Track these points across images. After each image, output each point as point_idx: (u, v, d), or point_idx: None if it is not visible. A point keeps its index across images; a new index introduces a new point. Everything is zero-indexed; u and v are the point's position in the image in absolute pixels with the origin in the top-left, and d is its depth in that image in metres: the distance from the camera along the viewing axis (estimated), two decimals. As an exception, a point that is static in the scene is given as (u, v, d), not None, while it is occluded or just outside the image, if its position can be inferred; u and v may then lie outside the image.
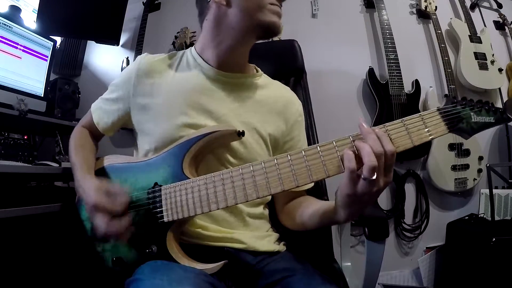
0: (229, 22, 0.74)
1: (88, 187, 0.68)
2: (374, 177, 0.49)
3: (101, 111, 0.85)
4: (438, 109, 0.54)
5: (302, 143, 0.87)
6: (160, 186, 0.67)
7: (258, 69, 0.88)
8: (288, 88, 0.91)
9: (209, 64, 0.78)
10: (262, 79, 0.86)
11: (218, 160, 0.74)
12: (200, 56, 0.80)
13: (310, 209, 0.71)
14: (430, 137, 0.53)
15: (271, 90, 0.85)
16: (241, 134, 0.69)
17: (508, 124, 1.86)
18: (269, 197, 0.85)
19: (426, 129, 0.53)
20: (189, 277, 0.55)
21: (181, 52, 0.84)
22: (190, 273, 0.56)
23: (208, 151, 0.71)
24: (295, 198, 0.82)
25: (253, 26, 0.73)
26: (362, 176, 0.49)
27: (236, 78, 0.80)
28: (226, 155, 0.74)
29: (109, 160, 0.79)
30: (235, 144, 0.74)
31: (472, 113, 0.54)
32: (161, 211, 0.65)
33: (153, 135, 0.75)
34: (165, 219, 0.64)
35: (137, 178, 0.71)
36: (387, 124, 0.54)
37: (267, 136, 0.79)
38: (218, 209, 0.61)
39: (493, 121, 0.55)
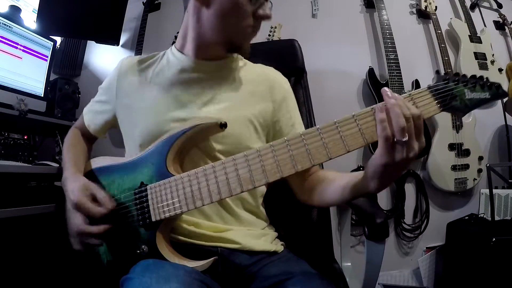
0: (203, 23, 0.72)
1: (73, 185, 0.69)
2: (406, 138, 0.47)
3: (91, 114, 0.88)
4: (429, 87, 0.52)
5: (294, 120, 0.83)
6: (146, 185, 0.66)
7: (240, 56, 0.86)
8: (272, 68, 0.88)
9: (187, 56, 0.77)
10: (243, 62, 0.85)
11: (204, 152, 0.72)
12: (179, 51, 0.79)
13: (336, 185, 0.67)
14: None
15: (253, 72, 0.84)
16: (223, 125, 0.67)
17: (508, 124, 1.86)
18: (264, 190, 0.83)
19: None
20: (178, 274, 0.54)
21: (162, 52, 0.85)
22: (180, 271, 0.56)
23: (191, 145, 0.70)
24: (311, 174, 0.77)
25: (222, 40, 0.72)
26: (395, 139, 0.48)
27: (216, 65, 0.79)
28: (212, 145, 0.72)
29: (96, 163, 0.79)
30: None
31: (466, 90, 0.51)
32: (149, 211, 0.65)
33: (137, 134, 0.75)
34: (153, 219, 0.64)
35: (123, 178, 0.70)
36: (374, 106, 0.52)
37: (254, 119, 0.77)
38: (203, 205, 0.61)
39: (489, 96, 0.52)
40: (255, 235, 0.76)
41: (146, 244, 0.64)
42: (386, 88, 0.51)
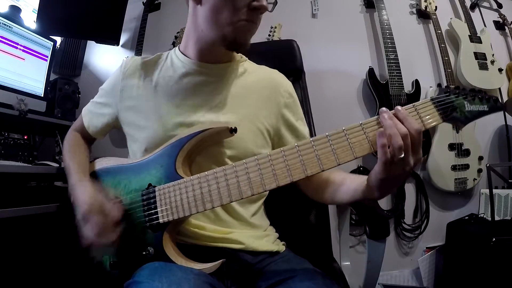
0: (200, 21, 0.72)
1: (82, 192, 0.68)
2: (402, 155, 0.50)
3: (91, 115, 0.86)
4: (432, 99, 0.55)
5: (299, 123, 0.84)
6: (154, 187, 0.66)
7: (243, 56, 0.86)
8: (276, 70, 0.88)
9: (191, 59, 0.77)
10: (247, 64, 0.84)
11: (212, 155, 0.72)
12: (183, 53, 0.79)
13: (347, 187, 0.68)
14: (425, 127, 0.53)
15: (258, 75, 0.83)
16: (233, 131, 0.67)
17: (508, 124, 1.86)
18: (266, 193, 0.84)
19: (420, 119, 0.53)
20: (189, 278, 0.54)
21: (166, 53, 0.84)
22: (189, 275, 0.56)
23: (201, 149, 0.70)
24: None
25: (219, 37, 0.70)
26: (393, 156, 0.51)
27: (220, 68, 0.78)
28: (220, 149, 0.72)
29: (102, 163, 0.79)
30: None
31: (465, 102, 0.55)
32: (156, 212, 0.64)
33: (143, 137, 0.74)
34: (160, 220, 0.64)
35: (130, 180, 0.70)
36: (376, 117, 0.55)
37: (261, 124, 0.77)
38: (213, 208, 0.61)
39: (487, 109, 0.55)
40: (258, 236, 0.76)
41: (152, 246, 0.64)
42: (383, 109, 0.54)
